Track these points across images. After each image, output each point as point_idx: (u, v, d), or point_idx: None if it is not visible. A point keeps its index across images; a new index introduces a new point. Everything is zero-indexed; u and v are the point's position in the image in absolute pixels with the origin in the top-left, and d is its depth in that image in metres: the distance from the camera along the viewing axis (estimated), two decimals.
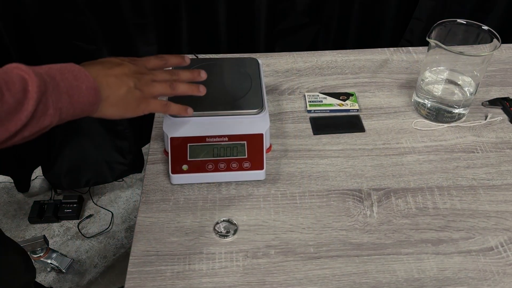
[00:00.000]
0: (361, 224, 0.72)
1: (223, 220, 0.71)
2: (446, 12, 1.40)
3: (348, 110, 0.91)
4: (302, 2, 1.44)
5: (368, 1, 1.42)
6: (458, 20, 0.85)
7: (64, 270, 1.42)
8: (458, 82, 0.88)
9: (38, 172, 1.67)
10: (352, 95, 0.94)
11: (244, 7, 1.37)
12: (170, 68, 0.72)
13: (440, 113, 0.88)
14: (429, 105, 0.88)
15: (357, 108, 0.91)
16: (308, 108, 0.91)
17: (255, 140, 0.78)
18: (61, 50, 1.30)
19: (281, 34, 1.49)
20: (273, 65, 1.03)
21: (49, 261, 1.42)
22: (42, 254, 1.41)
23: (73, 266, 1.46)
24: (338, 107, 0.91)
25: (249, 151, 0.78)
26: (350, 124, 0.89)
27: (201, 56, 1.03)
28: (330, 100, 0.93)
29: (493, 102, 0.93)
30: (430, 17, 1.39)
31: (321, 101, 0.93)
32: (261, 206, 0.74)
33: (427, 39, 0.82)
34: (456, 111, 0.87)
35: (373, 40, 1.50)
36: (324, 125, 0.88)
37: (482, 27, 0.83)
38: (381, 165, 0.81)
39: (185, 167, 0.76)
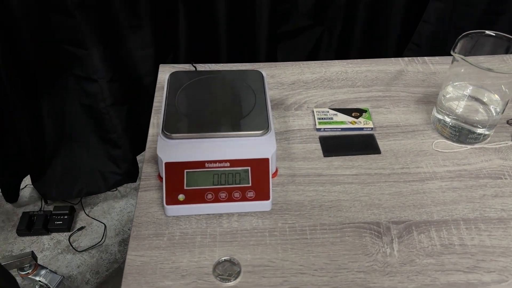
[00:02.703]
0: (380, 264, 0.63)
1: (224, 260, 0.63)
2: (455, 15, 1.32)
3: (361, 129, 0.83)
4: (305, 3, 1.36)
5: (373, 2, 1.34)
6: (487, 32, 0.76)
7: None
8: (484, 100, 0.80)
9: (27, 181, 1.59)
10: (365, 111, 0.86)
11: (245, 8, 1.29)
12: None
13: (463, 133, 0.79)
14: (450, 124, 0.80)
15: (371, 126, 0.83)
16: (318, 126, 0.83)
17: (260, 166, 0.70)
18: (50, 54, 1.21)
19: (283, 36, 1.42)
20: (277, 77, 0.95)
21: (37, 278, 1.33)
22: (30, 271, 1.33)
23: (63, 283, 1.38)
24: (351, 125, 0.83)
25: (253, 179, 0.69)
26: (364, 144, 0.80)
27: (199, 66, 0.95)
28: (342, 117, 0.84)
29: None
30: (439, 20, 1.31)
31: (332, 118, 0.84)
32: (267, 242, 0.66)
33: (452, 53, 0.74)
34: (480, 131, 0.79)
35: (379, 43, 1.42)
36: (335, 145, 0.80)
37: None
38: (400, 193, 0.73)
39: (181, 197, 0.68)
